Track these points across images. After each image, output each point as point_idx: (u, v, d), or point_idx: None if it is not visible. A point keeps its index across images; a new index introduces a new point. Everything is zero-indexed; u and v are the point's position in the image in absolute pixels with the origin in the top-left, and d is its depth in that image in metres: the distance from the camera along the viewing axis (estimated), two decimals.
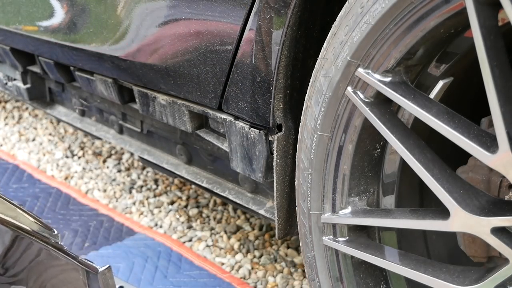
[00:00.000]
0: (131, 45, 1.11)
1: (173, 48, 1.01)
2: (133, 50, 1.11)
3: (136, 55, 1.10)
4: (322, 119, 0.77)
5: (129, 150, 1.49)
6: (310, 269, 0.90)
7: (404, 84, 0.69)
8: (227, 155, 1.08)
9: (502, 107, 0.55)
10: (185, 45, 0.99)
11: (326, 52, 0.75)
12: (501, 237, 0.62)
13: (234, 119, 0.99)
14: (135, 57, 1.11)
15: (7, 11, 1.48)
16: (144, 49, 1.08)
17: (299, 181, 0.86)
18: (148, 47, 1.07)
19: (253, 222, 1.61)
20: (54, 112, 1.80)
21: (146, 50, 1.08)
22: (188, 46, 0.98)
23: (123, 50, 1.13)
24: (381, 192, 0.84)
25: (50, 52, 1.43)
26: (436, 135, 0.64)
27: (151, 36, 1.05)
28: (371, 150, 0.79)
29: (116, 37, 1.14)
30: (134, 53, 1.11)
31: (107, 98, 1.38)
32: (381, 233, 0.86)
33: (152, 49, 1.06)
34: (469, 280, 0.67)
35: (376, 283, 0.87)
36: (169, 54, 1.03)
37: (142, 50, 1.08)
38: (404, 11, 0.63)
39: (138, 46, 1.09)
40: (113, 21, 1.14)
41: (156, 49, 1.05)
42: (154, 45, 1.05)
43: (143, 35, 1.07)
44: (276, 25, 0.82)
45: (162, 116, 1.17)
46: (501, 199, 0.69)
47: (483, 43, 0.55)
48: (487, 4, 0.55)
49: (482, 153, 0.59)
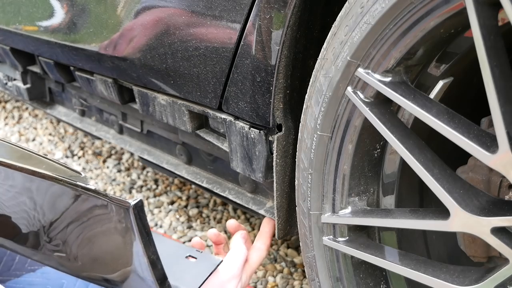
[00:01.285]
0: (131, 45, 1.11)
1: (173, 48, 1.01)
2: (133, 50, 1.11)
3: (136, 55, 1.10)
4: (322, 119, 0.77)
5: (129, 150, 1.49)
6: (310, 269, 0.90)
7: (404, 84, 0.69)
8: (227, 155, 1.08)
9: (502, 107, 0.55)
10: (185, 45, 0.99)
11: (326, 52, 0.75)
12: (501, 237, 0.62)
13: (234, 119, 0.99)
14: (135, 57, 1.11)
15: (7, 11, 1.48)
16: (144, 49, 1.08)
17: (299, 181, 0.86)
18: (148, 47, 1.07)
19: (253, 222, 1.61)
20: (54, 112, 1.80)
21: (146, 50, 1.08)
22: (188, 46, 0.98)
23: (123, 50, 1.13)
24: (381, 192, 0.84)
25: (50, 52, 1.43)
26: (436, 135, 0.64)
27: (151, 36, 1.05)
28: (371, 150, 0.79)
29: (116, 37, 1.14)
30: (134, 53, 1.11)
31: (107, 98, 1.38)
32: (381, 233, 0.86)
33: (152, 49, 1.06)
34: (469, 280, 0.67)
35: (376, 283, 0.87)
36: (169, 54, 1.03)
37: (142, 50, 1.08)
38: (404, 11, 0.63)
39: (138, 46, 1.09)
40: (113, 21, 1.14)
41: (156, 49, 1.05)
42: (154, 45, 1.05)
43: (143, 35, 1.07)
44: (276, 25, 0.82)
45: (162, 116, 1.17)
46: (501, 199, 0.69)
47: (483, 43, 0.55)
48: (487, 4, 0.55)
49: (482, 153, 0.59)
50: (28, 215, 0.83)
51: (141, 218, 0.69)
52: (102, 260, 0.82)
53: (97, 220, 0.76)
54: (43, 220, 0.82)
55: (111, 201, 0.71)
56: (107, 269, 0.82)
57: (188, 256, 0.97)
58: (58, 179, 0.74)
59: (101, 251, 0.81)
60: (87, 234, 0.79)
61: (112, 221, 0.73)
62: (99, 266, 0.84)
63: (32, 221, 0.83)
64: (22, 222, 0.85)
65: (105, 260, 0.82)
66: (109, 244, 0.79)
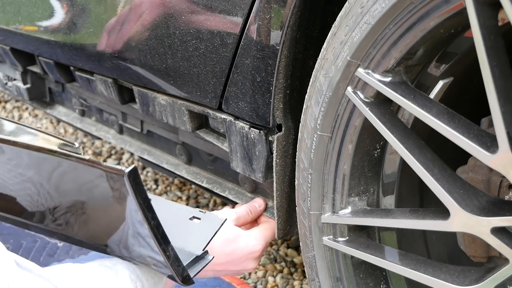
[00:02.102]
0: (131, 45, 1.11)
1: (173, 48, 1.01)
2: (133, 50, 1.11)
3: (136, 54, 1.10)
4: (322, 119, 0.77)
5: (129, 150, 1.49)
6: (310, 269, 0.90)
7: (404, 84, 0.69)
8: (227, 155, 1.08)
9: (502, 107, 0.55)
10: (185, 45, 0.99)
11: (326, 52, 0.75)
12: (501, 237, 0.62)
13: (234, 119, 0.99)
14: (135, 57, 1.11)
15: (7, 11, 1.48)
16: (144, 49, 1.08)
17: (299, 181, 0.86)
18: (148, 47, 1.07)
19: None
20: (54, 112, 1.80)
21: (146, 50, 1.08)
22: (188, 46, 0.98)
23: (123, 50, 1.13)
24: (381, 192, 0.84)
25: (50, 52, 1.43)
26: (436, 135, 0.64)
27: (151, 36, 1.05)
28: (371, 150, 0.79)
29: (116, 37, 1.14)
30: (134, 53, 1.11)
31: (107, 98, 1.38)
32: (381, 233, 0.86)
33: (152, 49, 1.06)
34: (469, 280, 0.67)
35: (376, 283, 0.87)
36: (169, 54, 1.03)
37: (142, 50, 1.08)
38: (404, 11, 0.63)
39: (138, 46, 1.09)
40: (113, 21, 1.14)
41: (156, 49, 1.05)
42: (154, 45, 1.05)
43: (143, 35, 1.07)
44: (276, 25, 0.82)
45: (162, 116, 1.17)
46: (501, 199, 0.69)
47: (483, 43, 0.55)
48: (487, 4, 0.55)
49: (482, 153, 0.59)
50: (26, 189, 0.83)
51: (137, 184, 0.69)
52: (103, 231, 0.83)
53: (94, 190, 0.75)
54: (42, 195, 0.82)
55: (106, 170, 0.70)
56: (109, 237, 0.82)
57: (191, 217, 0.96)
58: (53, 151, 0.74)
59: (101, 222, 0.81)
60: (85, 205, 0.79)
61: (109, 190, 0.73)
62: (100, 236, 0.84)
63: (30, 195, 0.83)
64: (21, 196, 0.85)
65: (106, 230, 0.82)
66: (108, 214, 0.79)
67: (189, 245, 0.88)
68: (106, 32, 1.17)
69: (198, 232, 0.92)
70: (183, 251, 0.86)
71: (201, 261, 0.87)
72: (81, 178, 0.75)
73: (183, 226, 0.94)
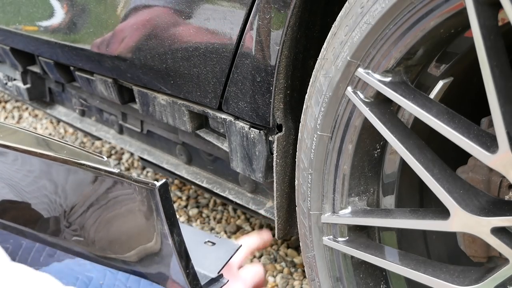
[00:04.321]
0: (131, 45, 1.11)
1: (173, 48, 1.01)
2: (133, 50, 1.11)
3: (136, 54, 1.11)
4: (322, 119, 0.77)
5: (129, 150, 1.49)
6: (310, 269, 0.90)
7: (404, 84, 0.69)
8: (227, 155, 1.08)
9: (502, 107, 0.55)
10: (185, 45, 0.99)
11: (326, 52, 0.75)
12: (501, 237, 0.62)
13: (234, 119, 0.99)
14: (135, 57, 1.11)
15: (7, 11, 1.48)
16: (144, 49, 1.08)
17: (299, 181, 0.86)
18: (148, 47, 1.07)
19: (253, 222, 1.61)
20: (54, 112, 1.80)
21: (146, 50, 1.08)
22: (188, 46, 0.98)
23: (123, 50, 1.13)
24: (381, 192, 0.84)
25: (50, 52, 1.43)
26: (436, 135, 0.64)
27: (151, 36, 1.05)
28: (371, 150, 0.79)
29: (116, 37, 1.14)
30: (134, 53, 1.11)
31: (107, 98, 1.38)
32: (381, 233, 0.86)
33: (152, 49, 1.06)
34: (469, 280, 0.67)
35: (376, 283, 0.87)
36: (169, 54, 1.03)
37: (142, 50, 1.08)
38: (404, 11, 0.63)
39: (138, 46, 1.09)
40: (113, 21, 1.14)
41: (156, 49, 1.05)
42: (154, 45, 1.05)
43: (143, 35, 1.07)
44: (276, 25, 0.82)
45: (162, 116, 1.17)
46: (501, 199, 0.69)
47: (483, 43, 0.55)
48: (487, 4, 0.55)
49: (482, 153, 0.59)
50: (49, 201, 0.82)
51: (166, 199, 0.69)
52: (124, 244, 0.82)
53: (120, 204, 0.75)
54: (64, 206, 0.81)
55: (137, 183, 0.70)
56: (129, 252, 0.82)
57: (206, 241, 0.97)
58: (82, 164, 0.74)
59: (124, 235, 0.81)
60: (109, 218, 0.79)
61: (136, 204, 0.73)
62: (120, 249, 0.84)
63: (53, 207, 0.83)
64: (43, 209, 0.84)
65: (128, 244, 0.82)
66: (132, 227, 0.78)
67: (204, 268, 0.89)
68: (106, 32, 1.17)
69: (213, 256, 0.93)
70: (198, 273, 0.87)
71: (217, 283, 0.88)
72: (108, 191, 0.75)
73: (198, 249, 0.95)
